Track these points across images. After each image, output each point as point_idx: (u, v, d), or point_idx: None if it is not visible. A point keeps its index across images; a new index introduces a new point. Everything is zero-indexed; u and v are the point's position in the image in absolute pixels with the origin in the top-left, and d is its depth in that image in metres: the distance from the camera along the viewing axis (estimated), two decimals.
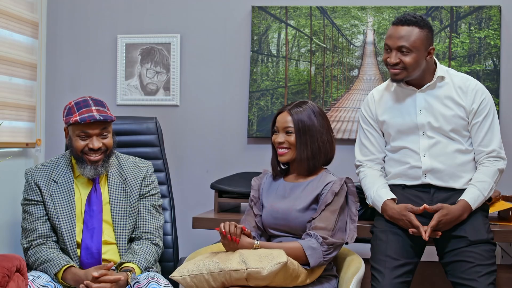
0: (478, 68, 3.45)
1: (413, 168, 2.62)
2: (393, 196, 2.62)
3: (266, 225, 2.58)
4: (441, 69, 2.64)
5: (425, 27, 2.54)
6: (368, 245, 2.71)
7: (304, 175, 2.59)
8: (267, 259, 2.25)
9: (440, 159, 2.59)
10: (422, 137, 2.62)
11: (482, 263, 2.49)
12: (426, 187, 2.61)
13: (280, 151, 2.56)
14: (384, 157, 2.75)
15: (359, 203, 2.57)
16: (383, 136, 2.75)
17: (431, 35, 2.57)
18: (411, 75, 2.58)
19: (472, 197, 2.54)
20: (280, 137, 2.56)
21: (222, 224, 2.39)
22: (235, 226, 2.38)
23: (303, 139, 2.52)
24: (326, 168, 2.62)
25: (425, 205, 2.52)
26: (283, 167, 2.65)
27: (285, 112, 2.56)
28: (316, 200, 2.49)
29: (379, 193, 2.64)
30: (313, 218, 2.45)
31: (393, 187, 2.68)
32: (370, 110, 2.76)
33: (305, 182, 2.56)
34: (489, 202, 2.85)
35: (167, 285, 2.53)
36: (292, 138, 2.53)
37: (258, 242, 2.41)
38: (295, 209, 2.49)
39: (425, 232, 2.48)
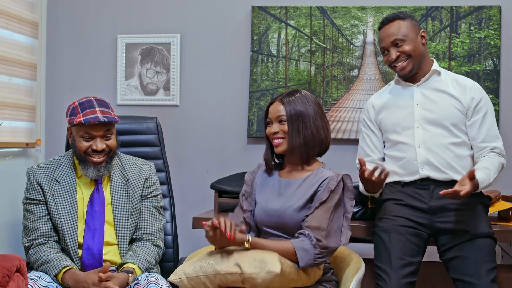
0: (478, 68, 3.45)
1: (409, 161, 2.63)
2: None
3: (259, 222, 2.52)
4: (437, 65, 2.71)
5: (406, 18, 2.67)
6: (368, 245, 2.71)
7: (299, 167, 2.50)
8: (260, 264, 2.21)
9: (435, 150, 2.61)
10: (417, 129, 2.64)
11: (483, 260, 2.50)
12: (425, 183, 2.61)
13: (275, 141, 2.47)
14: (382, 158, 2.77)
15: (354, 201, 2.51)
16: (382, 135, 2.77)
17: (415, 22, 2.70)
18: (416, 63, 2.64)
19: (481, 176, 2.49)
20: (274, 128, 2.47)
21: (214, 218, 2.29)
22: (230, 222, 2.30)
23: (295, 126, 2.43)
24: (322, 163, 2.55)
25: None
26: (277, 161, 2.58)
27: (276, 102, 2.48)
28: (311, 199, 2.43)
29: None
30: (307, 216, 2.39)
31: (393, 185, 2.68)
32: (368, 113, 2.81)
33: (300, 179, 2.48)
34: (489, 201, 2.86)
35: (167, 286, 2.53)
36: (286, 126, 2.45)
37: (250, 239, 2.33)
38: (290, 208, 2.42)
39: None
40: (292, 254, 2.33)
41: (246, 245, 2.32)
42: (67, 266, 2.57)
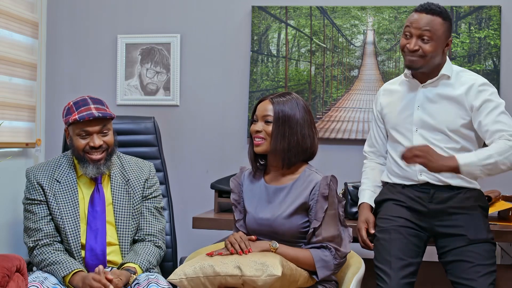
0: (478, 68, 3.45)
1: (408, 166, 2.61)
2: (371, 203, 2.71)
3: (251, 231, 2.47)
4: (449, 68, 2.60)
5: (447, 19, 2.54)
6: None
7: (282, 171, 2.44)
8: (262, 267, 2.19)
9: None
10: (415, 133, 2.60)
11: (482, 263, 2.48)
12: (425, 187, 2.59)
13: (256, 140, 2.40)
14: (386, 150, 2.76)
15: (344, 201, 2.49)
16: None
17: (451, 28, 2.58)
18: (428, 64, 2.54)
19: (464, 155, 2.41)
20: (258, 126, 2.40)
21: (228, 244, 2.32)
22: (243, 241, 2.32)
23: (281, 130, 2.36)
24: (308, 164, 2.49)
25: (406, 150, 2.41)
26: (261, 162, 2.51)
27: (266, 101, 2.41)
28: (303, 207, 2.38)
29: (364, 192, 2.74)
30: (315, 229, 2.35)
31: (394, 186, 2.67)
32: (376, 104, 2.79)
33: (288, 185, 2.42)
34: (489, 202, 2.85)
35: (167, 286, 2.53)
36: (270, 128, 2.37)
37: (277, 245, 2.35)
38: (280, 216, 2.38)
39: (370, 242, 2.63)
40: (311, 265, 2.35)
41: (272, 249, 2.35)
42: (78, 268, 2.56)
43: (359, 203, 2.75)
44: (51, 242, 2.66)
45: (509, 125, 2.49)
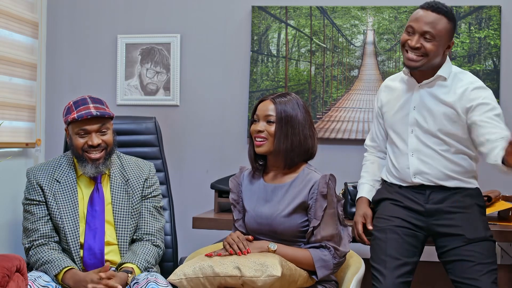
0: (478, 68, 3.45)
1: (403, 169, 2.60)
2: (369, 197, 2.72)
3: (250, 230, 2.47)
4: (447, 69, 2.56)
5: (452, 20, 2.50)
6: (368, 245, 2.71)
7: (283, 171, 2.44)
8: (261, 267, 2.20)
9: (428, 160, 2.55)
10: (410, 135, 2.59)
11: (482, 262, 2.48)
12: (421, 188, 2.59)
13: (257, 141, 2.40)
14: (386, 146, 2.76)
15: (343, 200, 2.50)
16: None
17: (455, 30, 2.54)
18: (428, 64, 2.51)
19: None
20: (259, 126, 2.40)
21: (227, 245, 2.33)
22: (241, 241, 2.33)
23: (284, 130, 2.36)
24: (307, 163, 2.48)
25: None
26: (260, 162, 2.50)
27: (268, 101, 2.41)
28: (302, 206, 2.38)
29: (363, 186, 2.75)
30: (314, 227, 2.36)
31: (392, 185, 2.67)
32: (377, 100, 2.78)
33: (287, 183, 2.42)
34: (489, 202, 2.85)
35: (166, 285, 2.53)
36: (272, 128, 2.37)
37: (275, 246, 2.35)
38: (279, 215, 2.38)
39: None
40: (311, 265, 2.35)
41: (271, 250, 2.35)
42: (68, 266, 2.57)
43: (357, 196, 2.75)
44: (47, 242, 2.67)
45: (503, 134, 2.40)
